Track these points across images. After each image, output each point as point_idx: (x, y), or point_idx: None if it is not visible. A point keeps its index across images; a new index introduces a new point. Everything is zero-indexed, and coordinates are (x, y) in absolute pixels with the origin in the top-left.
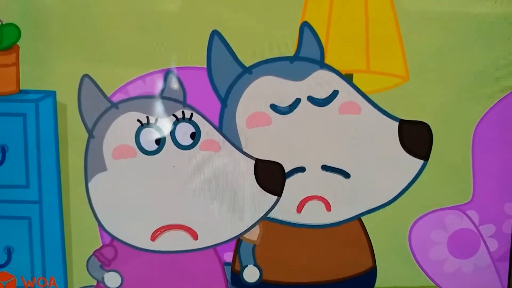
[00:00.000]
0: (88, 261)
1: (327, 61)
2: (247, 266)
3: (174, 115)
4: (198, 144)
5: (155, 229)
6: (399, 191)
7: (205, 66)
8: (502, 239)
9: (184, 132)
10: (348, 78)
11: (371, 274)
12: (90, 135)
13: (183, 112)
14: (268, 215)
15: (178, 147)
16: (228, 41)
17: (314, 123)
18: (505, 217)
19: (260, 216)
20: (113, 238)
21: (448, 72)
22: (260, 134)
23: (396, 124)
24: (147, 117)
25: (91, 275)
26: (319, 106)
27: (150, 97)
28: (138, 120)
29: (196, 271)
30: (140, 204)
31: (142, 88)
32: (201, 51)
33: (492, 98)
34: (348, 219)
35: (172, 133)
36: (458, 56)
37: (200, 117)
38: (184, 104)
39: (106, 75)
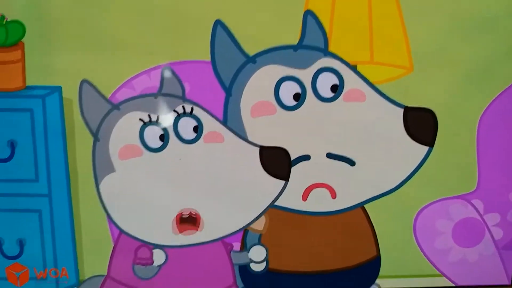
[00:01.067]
0: (135, 273)
1: (331, 51)
2: (253, 246)
3: (175, 110)
4: (202, 137)
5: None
6: (404, 177)
7: (205, 59)
8: (507, 228)
9: (186, 126)
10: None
11: (375, 263)
12: (95, 138)
13: (183, 107)
14: (274, 203)
15: (182, 142)
16: (231, 31)
17: (319, 111)
18: (510, 206)
19: (269, 203)
20: (129, 237)
21: (453, 62)
22: (265, 123)
23: (401, 111)
24: (149, 115)
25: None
26: (325, 102)
27: (150, 95)
28: (141, 119)
29: (204, 264)
30: (150, 201)
31: (147, 83)
32: (202, 44)
33: (497, 88)
34: (353, 206)
35: (175, 128)
36: (463, 46)
37: (201, 110)
38: (184, 99)
39: (111, 70)
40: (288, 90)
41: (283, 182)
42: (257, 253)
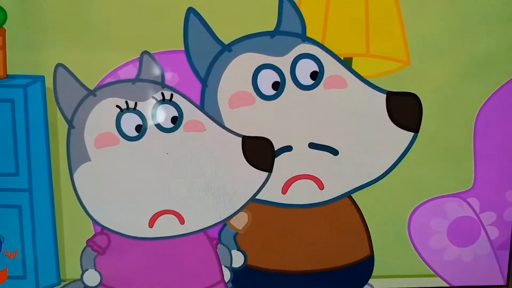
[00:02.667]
0: (82, 252)
1: (326, 44)
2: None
3: (153, 97)
4: (182, 126)
5: (151, 216)
6: (389, 165)
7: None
8: (502, 227)
9: (165, 114)
10: (347, 62)
11: (368, 262)
12: (70, 126)
13: (162, 93)
14: (257, 197)
15: (161, 130)
16: (204, 18)
17: (300, 101)
18: (506, 205)
19: (252, 195)
20: (104, 228)
21: (450, 57)
22: (244, 114)
23: (384, 96)
24: (126, 102)
25: (81, 266)
26: (305, 90)
27: (128, 81)
28: (117, 106)
29: (187, 256)
30: (127, 192)
31: (133, 73)
32: (178, 33)
33: (495, 84)
34: (340, 196)
35: (154, 116)
36: (460, 40)
37: (181, 98)
38: (163, 85)
39: (96, 60)
40: (267, 79)
41: (266, 174)
42: (236, 260)
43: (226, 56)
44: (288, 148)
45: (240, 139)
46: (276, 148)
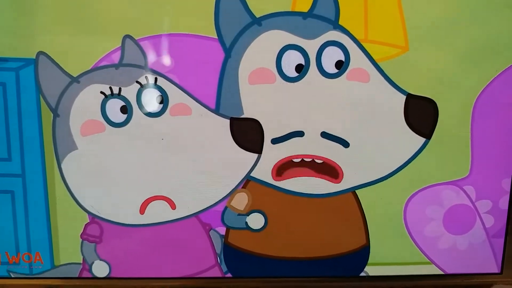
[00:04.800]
0: (81, 248)
1: None
2: (252, 212)
3: (137, 81)
4: (168, 109)
5: (141, 202)
6: (397, 167)
7: (193, 32)
8: (498, 215)
9: (150, 98)
10: None
11: (364, 251)
12: (55, 114)
13: (146, 77)
14: (260, 179)
15: (147, 115)
16: None
17: (320, 87)
18: (502, 193)
19: (242, 177)
20: (95, 217)
21: (449, 43)
22: (262, 92)
23: (404, 97)
24: (110, 88)
25: (86, 261)
26: (327, 78)
27: (110, 66)
28: (102, 92)
29: (181, 241)
30: (115, 179)
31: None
32: (191, 17)
33: (494, 71)
34: (342, 191)
35: (138, 101)
36: (459, 26)
37: (166, 81)
38: (146, 68)
39: (90, 44)
40: (291, 60)
41: (256, 155)
42: (256, 221)
43: (255, 29)
44: (299, 134)
45: (228, 121)
46: (288, 131)
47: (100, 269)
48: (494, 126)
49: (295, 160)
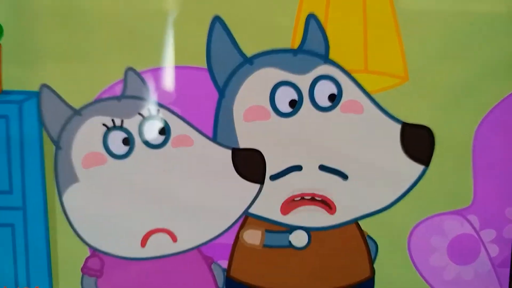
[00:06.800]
0: (81, 282)
1: None
2: (295, 229)
3: (140, 113)
4: (170, 141)
5: (143, 235)
6: (397, 196)
7: (195, 65)
8: (503, 244)
9: (152, 130)
10: None
11: (368, 284)
12: (57, 146)
13: (148, 109)
14: (262, 215)
15: (149, 147)
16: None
17: (315, 121)
18: (506, 222)
19: (244, 208)
20: (96, 250)
21: (448, 73)
22: (258, 128)
23: (399, 126)
24: (113, 120)
25: None
26: (321, 111)
27: (113, 98)
28: (104, 124)
29: (183, 275)
30: (117, 211)
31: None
32: (191, 49)
33: (493, 99)
34: (343, 222)
35: (140, 132)
36: (458, 56)
37: (168, 112)
38: (149, 100)
39: (91, 76)
40: (285, 96)
41: (258, 186)
42: (299, 238)
43: (247, 68)
44: (298, 168)
45: (230, 151)
46: (286, 166)
47: None
48: (496, 155)
49: (296, 199)
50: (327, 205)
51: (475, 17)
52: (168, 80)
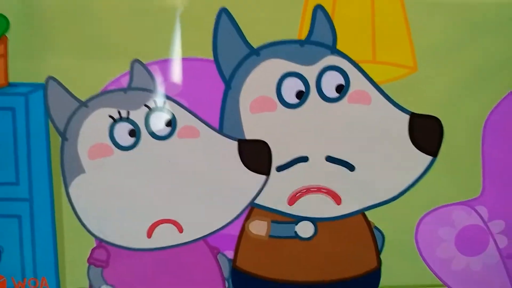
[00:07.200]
0: (88, 273)
1: None
2: (301, 220)
3: (146, 105)
4: (176, 132)
5: (149, 226)
6: (405, 187)
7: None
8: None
9: (159, 121)
10: None
11: (375, 275)
12: (63, 138)
13: (154, 101)
14: (268, 206)
15: (155, 138)
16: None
17: (322, 112)
18: None
19: (250, 200)
20: (102, 241)
21: (458, 63)
22: (264, 120)
23: (407, 117)
24: (119, 112)
25: (93, 286)
26: (328, 102)
27: (119, 90)
28: (110, 116)
29: (189, 265)
30: (123, 202)
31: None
32: (196, 41)
33: (503, 90)
34: (350, 213)
35: (147, 124)
36: (467, 46)
37: (175, 104)
38: (155, 92)
39: (97, 68)
40: (291, 87)
41: (264, 177)
42: (304, 228)
43: (253, 60)
44: (304, 159)
45: (236, 142)
46: (292, 157)
47: None
48: (505, 145)
49: (303, 190)
50: (333, 195)
51: (484, 7)
52: (174, 72)
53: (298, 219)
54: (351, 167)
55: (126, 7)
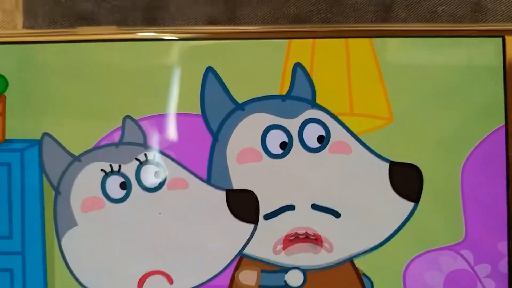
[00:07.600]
0: None
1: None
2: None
3: (137, 159)
4: (165, 184)
5: (139, 278)
6: (390, 233)
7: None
8: (498, 279)
9: (149, 174)
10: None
11: None
12: (57, 192)
13: (145, 154)
14: (257, 256)
15: (145, 191)
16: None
17: (305, 161)
18: (500, 256)
19: (239, 249)
20: None
21: (431, 115)
22: (250, 170)
23: (387, 165)
24: (111, 165)
25: None
26: (311, 152)
27: (111, 145)
28: (102, 170)
29: None
30: (114, 255)
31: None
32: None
33: (476, 138)
34: (338, 261)
35: (137, 177)
36: (440, 101)
37: (164, 157)
38: (146, 146)
39: (90, 124)
40: (275, 139)
41: (252, 225)
42: (294, 278)
43: (239, 114)
44: (291, 207)
45: (224, 192)
46: (279, 206)
47: None
48: (483, 190)
49: (290, 238)
50: (320, 242)
51: (455, 69)
52: (164, 126)
53: (287, 268)
54: (336, 214)
55: (118, 68)
